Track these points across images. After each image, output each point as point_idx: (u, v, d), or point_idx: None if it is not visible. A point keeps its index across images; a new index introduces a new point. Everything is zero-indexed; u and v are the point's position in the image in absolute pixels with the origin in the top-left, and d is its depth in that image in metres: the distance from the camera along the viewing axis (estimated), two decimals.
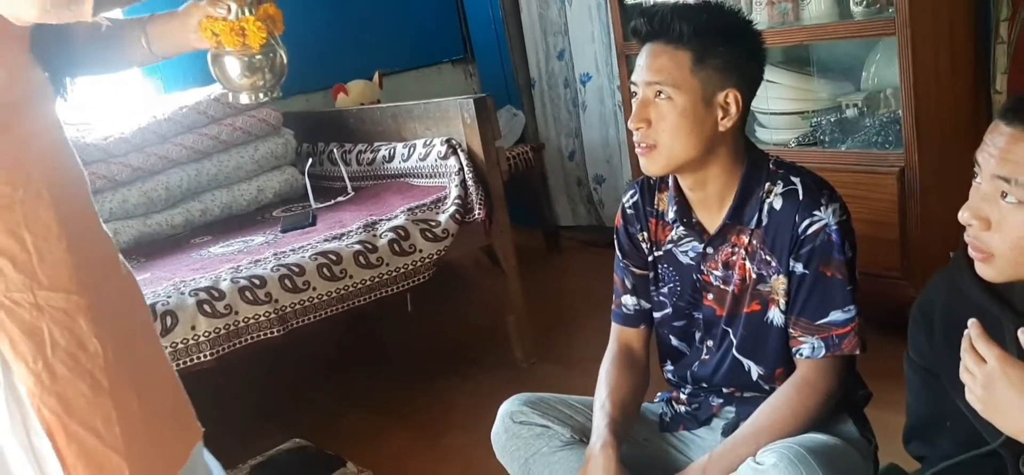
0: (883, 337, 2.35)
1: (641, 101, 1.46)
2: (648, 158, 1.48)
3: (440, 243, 2.63)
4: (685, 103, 1.43)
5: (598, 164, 4.01)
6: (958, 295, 1.16)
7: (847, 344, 1.46)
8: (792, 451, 1.36)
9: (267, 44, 1.26)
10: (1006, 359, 1.02)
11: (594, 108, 3.94)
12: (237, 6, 1.24)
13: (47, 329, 1.08)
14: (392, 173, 3.12)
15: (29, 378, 1.08)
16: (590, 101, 3.95)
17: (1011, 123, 1.03)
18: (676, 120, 1.43)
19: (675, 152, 1.45)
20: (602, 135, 3.95)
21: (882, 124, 2.56)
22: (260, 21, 1.25)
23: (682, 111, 1.43)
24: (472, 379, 2.93)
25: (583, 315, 3.31)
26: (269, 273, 2.37)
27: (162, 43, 1.30)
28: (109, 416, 1.14)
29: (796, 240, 1.46)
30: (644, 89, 1.46)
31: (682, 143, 1.44)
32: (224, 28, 1.23)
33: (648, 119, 1.45)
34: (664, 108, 1.44)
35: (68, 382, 1.10)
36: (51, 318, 1.09)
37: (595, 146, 3.99)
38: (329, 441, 2.64)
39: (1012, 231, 1.02)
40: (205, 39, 1.26)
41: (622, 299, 1.70)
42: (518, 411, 1.68)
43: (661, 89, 1.43)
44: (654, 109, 1.45)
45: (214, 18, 1.24)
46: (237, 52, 1.25)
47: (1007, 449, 1.10)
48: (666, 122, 1.44)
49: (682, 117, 1.43)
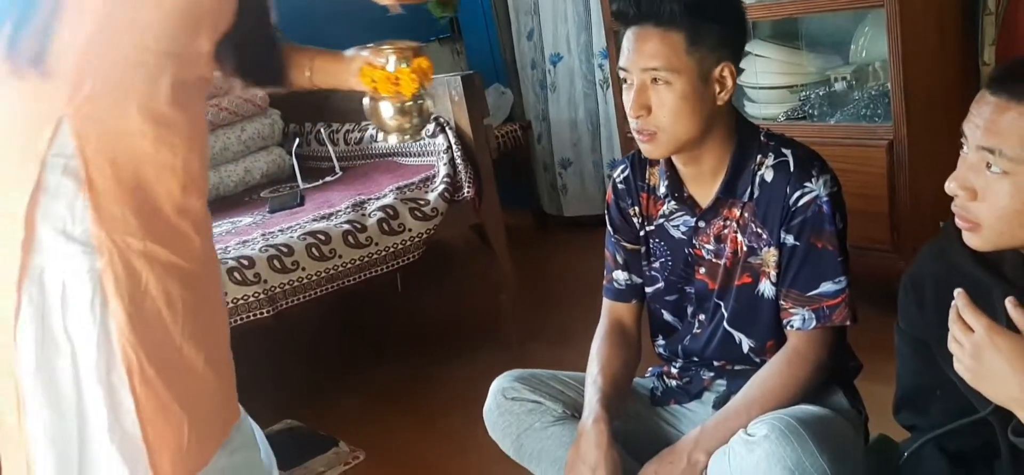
0: (873, 309, 2.35)
1: (638, 88, 1.43)
2: (651, 144, 1.46)
3: (429, 222, 2.62)
4: (684, 85, 1.41)
5: (564, 147, 3.97)
6: (948, 265, 1.16)
7: (838, 315, 1.47)
8: (783, 422, 1.37)
9: (418, 93, 1.40)
10: (994, 328, 1.03)
11: (564, 89, 3.89)
12: (396, 59, 1.39)
13: (145, 277, 1.16)
14: (380, 152, 3.11)
15: (123, 316, 1.14)
16: (560, 82, 3.90)
17: (997, 93, 1.03)
18: (676, 103, 1.41)
19: (678, 135, 1.44)
20: (570, 117, 3.90)
21: (871, 97, 2.56)
22: (414, 73, 1.39)
23: (682, 94, 1.41)
24: (464, 358, 2.93)
25: (575, 293, 3.31)
26: (257, 253, 2.36)
27: (323, 76, 1.46)
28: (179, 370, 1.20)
29: (787, 211, 1.46)
30: (639, 75, 1.43)
31: (684, 125, 1.43)
32: (381, 77, 1.39)
33: (648, 106, 1.43)
34: (663, 93, 1.42)
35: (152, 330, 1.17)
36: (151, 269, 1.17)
37: (562, 128, 3.95)
38: (320, 422, 2.64)
39: (998, 200, 1.03)
40: (364, 83, 1.41)
41: (613, 274, 1.70)
42: (510, 387, 1.68)
43: (657, 74, 1.41)
44: (653, 95, 1.43)
45: (374, 67, 1.39)
46: (391, 98, 1.40)
47: (996, 417, 1.11)
48: (666, 107, 1.42)
49: (683, 100, 1.41)
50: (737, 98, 2.87)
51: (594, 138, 3.90)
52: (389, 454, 2.43)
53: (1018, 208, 1.02)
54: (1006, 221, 1.03)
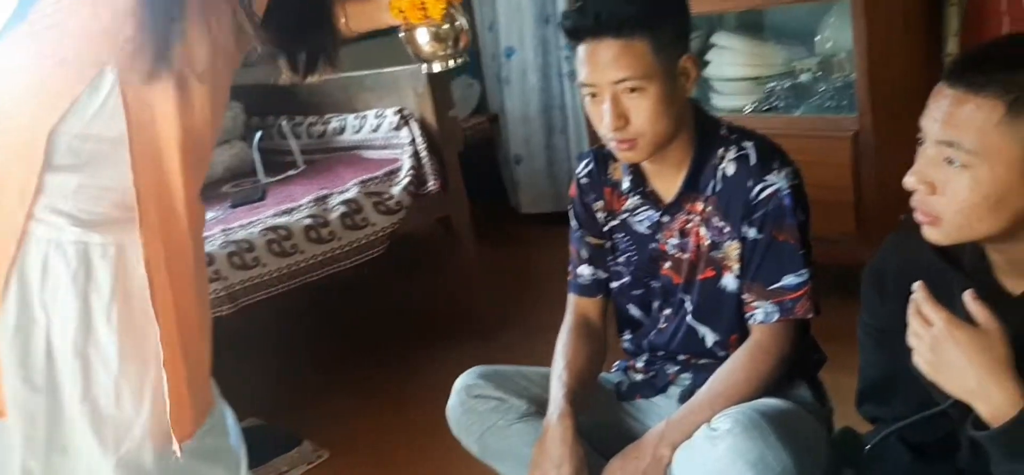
0: (838, 300, 2.36)
1: (612, 101, 1.40)
2: (633, 151, 1.45)
3: (394, 216, 2.59)
4: (658, 89, 1.40)
5: (517, 143, 3.94)
6: (910, 257, 1.16)
7: (800, 308, 1.46)
8: (746, 416, 1.36)
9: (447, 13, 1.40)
10: (952, 321, 1.02)
11: (516, 84, 3.85)
12: None
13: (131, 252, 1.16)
14: (344, 145, 3.07)
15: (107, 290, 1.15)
16: (513, 76, 3.86)
17: (954, 86, 1.02)
18: (654, 108, 1.40)
19: (659, 137, 1.43)
20: (523, 112, 3.86)
21: (836, 89, 2.56)
22: None
23: (659, 97, 1.40)
24: (430, 353, 2.91)
25: (543, 287, 3.30)
26: (217, 250, 2.32)
27: (357, 20, 1.47)
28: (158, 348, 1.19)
29: (749, 205, 1.45)
30: (609, 88, 1.40)
31: (664, 126, 1.42)
32: (408, 5, 1.39)
33: (626, 117, 1.41)
34: (638, 101, 1.40)
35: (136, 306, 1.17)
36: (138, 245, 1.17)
37: (516, 124, 3.92)
38: (285, 420, 2.61)
39: (957, 194, 1.02)
40: (394, 16, 1.42)
41: (578, 269, 1.68)
42: (474, 385, 1.66)
43: (630, 84, 1.39)
44: (628, 104, 1.40)
45: None
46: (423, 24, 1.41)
47: (956, 409, 1.11)
48: (644, 114, 1.40)
49: (660, 103, 1.40)
50: (703, 91, 2.89)
51: (549, 134, 3.85)
52: (354, 452, 2.41)
53: (977, 201, 1.01)
54: (965, 214, 1.03)
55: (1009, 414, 0.98)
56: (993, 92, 0.98)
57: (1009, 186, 1.00)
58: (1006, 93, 0.98)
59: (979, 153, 0.99)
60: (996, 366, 0.99)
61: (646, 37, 1.38)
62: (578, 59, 1.44)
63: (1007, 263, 1.09)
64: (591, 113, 1.46)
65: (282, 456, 2.41)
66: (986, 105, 0.99)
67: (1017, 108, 0.97)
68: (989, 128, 0.98)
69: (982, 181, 1.00)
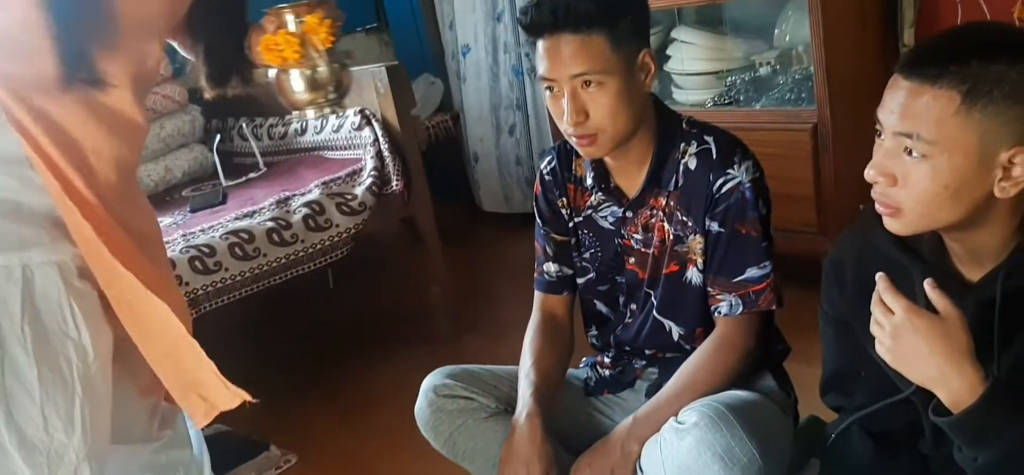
0: (800, 292, 2.38)
1: (570, 96, 1.40)
2: (593, 147, 1.44)
3: (357, 217, 2.57)
4: (617, 84, 1.39)
5: (474, 141, 3.93)
6: (868, 248, 1.17)
7: (764, 300, 1.47)
8: (712, 409, 1.37)
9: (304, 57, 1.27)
10: (913, 310, 1.04)
11: (472, 82, 3.84)
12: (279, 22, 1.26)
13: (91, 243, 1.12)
14: (305, 146, 3.04)
15: None
16: (469, 74, 3.84)
17: (909, 77, 1.03)
18: (613, 103, 1.39)
19: (619, 132, 1.43)
20: (479, 111, 3.85)
21: (795, 81, 2.59)
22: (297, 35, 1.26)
23: (617, 92, 1.39)
24: (397, 354, 2.90)
25: (509, 286, 3.30)
26: (178, 255, 2.29)
27: None
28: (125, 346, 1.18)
29: (711, 199, 1.46)
30: (568, 83, 1.40)
31: (623, 121, 1.42)
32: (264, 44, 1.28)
33: (585, 111, 1.40)
34: (597, 96, 1.39)
35: None
36: None
37: (473, 122, 3.91)
38: (252, 426, 2.58)
39: (917, 185, 1.03)
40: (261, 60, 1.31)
41: (544, 266, 1.68)
42: (441, 384, 1.65)
43: (588, 78, 1.39)
44: (587, 99, 1.40)
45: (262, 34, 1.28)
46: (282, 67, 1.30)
47: (919, 397, 1.12)
48: (604, 109, 1.40)
49: (619, 98, 1.40)
50: (665, 86, 2.90)
51: (498, 134, 3.83)
52: (322, 455, 2.39)
53: (937, 191, 1.02)
54: (926, 204, 1.04)
55: (970, 400, 1.00)
56: (948, 83, 0.99)
57: (967, 175, 1.01)
58: (961, 83, 0.99)
59: (937, 143, 1.01)
60: (956, 353, 1.01)
61: (604, 31, 1.38)
62: (537, 55, 1.43)
63: (965, 251, 1.10)
64: (552, 109, 1.45)
65: (249, 462, 2.38)
66: (942, 96, 1.00)
67: (972, 98, 0.98)
68: (946, 118, 1.00)
69: (941, 171, 1.01)
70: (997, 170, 1.01)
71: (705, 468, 1.34)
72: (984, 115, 0.98)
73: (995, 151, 1.00)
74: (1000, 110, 0.98)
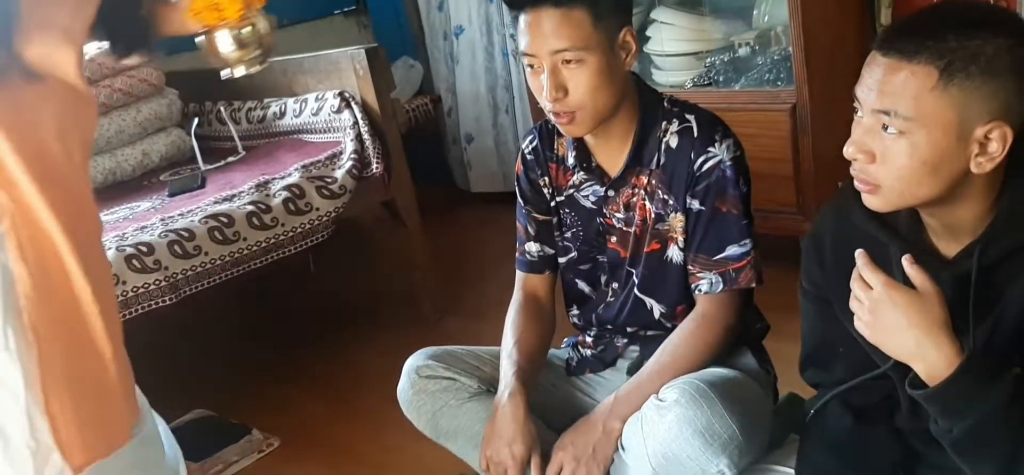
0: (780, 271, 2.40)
1: (550, 72, 1.39)
2: (573, 125, 1.43)
3: (337, 200, 2.56)
4: (597, 61, 1.38)
5: (468, 122, 3.94)
6: (847, 224, 1.18)
7: (744, 278, 1.48)
8: (692, 386, 1.38)
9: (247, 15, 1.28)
10: (891, 284, 1.05)
11: (466, 63, 3.85)
12: None
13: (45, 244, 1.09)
14: (284, 130, 3.02)
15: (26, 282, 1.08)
16: (462, 55, 3.85)
17: (887, 53, 1.04)
18: (593, 80, 1.39)
19: (599, 110, 1.42)
20: (473, 91, 3.86)
21: (773, 62, 2.60)
22: None
23: (597, 70, 1.39)
24: (379, 337, 2.90)
25: (491, 267, 3.30)
26: (157, 239, 2.27)
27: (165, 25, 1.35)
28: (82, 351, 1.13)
29: (692, 177, 1.47)
30: (549, 59, 1.39)
31: (603, 99, 1.41)
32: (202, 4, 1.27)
33: (564, 88, 1.40)
34: (577, 73, 1.39)
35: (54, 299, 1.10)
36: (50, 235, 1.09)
37: (467, 103, 3.91)
38: (233, 410, 2.57)
39: (895, 160, 1.04)
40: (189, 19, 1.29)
41: (526, 246, 1.68)
42: (424, 365, 1.66)
43: (568, 55, 1.38)
44: (567, 75, 1.39)
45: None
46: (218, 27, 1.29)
47: (896, 372, 1.13)
48: (584, 86, 1.39)
49: (599, 75, 1.39)
50: (644, 66, 2.91)
51: (495, 113, 3.84)
52: (304, 439, 2.39)
53: (916, 167, 1.03)
54: (905, 180, 1.04)
55: (946, 373, 1.01)
56: (926, 59, 1.00)
57: (946, 150, 1.02)
58: (938, 59, 0.99)
59: (915, 119, 1.01)
60: (933, 327, 1.02)
61: (586, 7, 1.38)
62: (519, 29, 1.43)
63: (941, 227, 1.12)
64: (532, 85, 1.45)
65: (232, 446, 2.38)
66: (920, 72, 1.00)
67: (950, 73, 0.99)
68: (924, 94, 1.00)
69: (919, 146, 1.02)
70: (973, 146, 1.02)
71: (686, 444, 1.35)
72: (961, 91, 0.99)
73: (972, 127, 1.01)
74: (977, 86, 0.99)
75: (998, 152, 1.01)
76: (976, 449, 1.04)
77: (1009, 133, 1.00)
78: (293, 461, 2.29)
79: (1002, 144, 1.01)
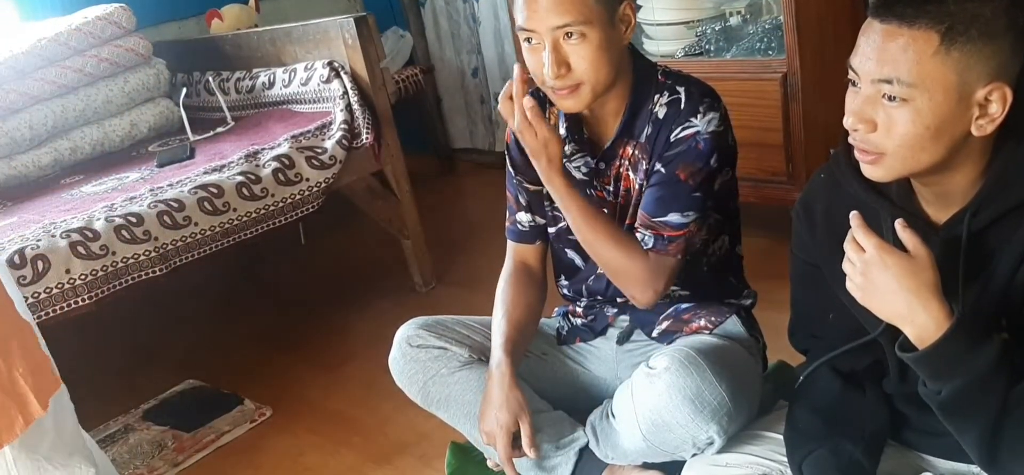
0: (770, 240, 2.42)
1: (552, 48, 1.36)
2: (574, 99, 1.40)
3: (327, 170, 2.55)
4: (598, 35, 1.36)
5: (495, 82, 3.94)
6: (838, 191, 1.19)
7: (673, 247, 1.44)
8: (683, 354, 1.39)
9: None
10: (883, 247, 1.05)
11: (488, 24, 3.85)
12: None
13: None
14: (273, 100, 3.00)
15: None
16: (484, 16, 3.86)
17: (885, 20, 1.03)
18: (595, 54, 1.36)
19: (601, 83, 1.39)
20: (498, 51, 3.87)
21: (764, 31, 2.59)
22: None
23: (599, 43, 1.36)
24: (371, 307, 2.90)
25: (481, 236, 3.30)
26: (146, 210, 2.26)
27: None
28: None
29: (667, 144, 1.44)
30: (549, 35, 1.36)
31: (605, 72, 1.39)
32: None
33: (566, 63, 1.37)
34: (579, 47, 1.36)
35: None
36: None
37: (492, 63, 3.92)
38: (225, 380, 2.58)
39: (899, 128, 1.03)
40: None
41: (516, 216, 1.68)
42: (415, 335, 1.66)
43: (570, 30, 1.35)
44: (569, 50, 1.37)
45: None
46: None
47: (885, 337, 1.14)
48: (586, 60, 1.36)
49: (600, 49, 1.36)
50: (636, 36, 2.89)
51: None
52: (296, 408, 2.39)
53: (920, 132, 1.03)
54: (909, 147, 1.04)
55: (936, 335, 1.02)
56: (926, 23, 1.00)
57: (947, 114, 1.02)
58: (939, 23, 0.99)
59: (917, 85, 1.01)
60: (924, 289, 1.03)
61: None
62: (517, 5, 1.40)
63: (933, 194, 1.12)
64: (529, 62, 1.41)
65: (223, 416, 2.38)
66: (920, 37, 1.00)
67: (951, 36, 0.99)
68: (925, 59, 1.00)
69: (923, 112, 1.02)
70: (974, 108, 1.02)
71: (676, 411, 1.36)
72: (962, 54, 0.99)
73: (973, 89, 1.01)
74: (977, 48, 0.99)
75: (998, 113, 1.02)
76: (963, 411, 1.05)
77: (1008, 93, 1.01)
78: (285, 430, 2.30)
79: (1002, 104, 1.01)
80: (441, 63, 4.12)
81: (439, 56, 4.12)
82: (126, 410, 2.50)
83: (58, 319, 2.11)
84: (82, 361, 2.85)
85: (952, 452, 1.19)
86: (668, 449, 1.42)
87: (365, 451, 2.14)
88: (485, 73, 4.00)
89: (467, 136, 4.21)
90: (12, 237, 2.19)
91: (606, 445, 1.50)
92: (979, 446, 1.05)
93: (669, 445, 1.40)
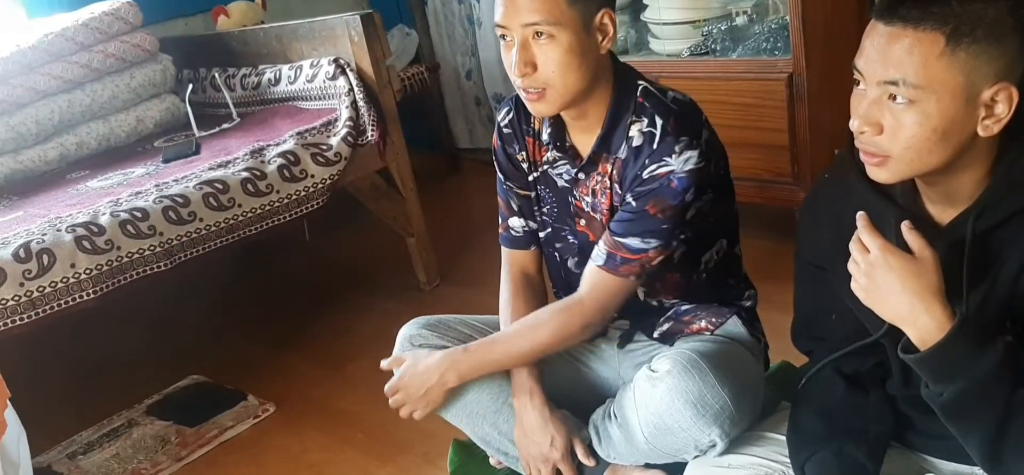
0: (774, 241, 2.42)
1: (520, 46, 1.35)
2: (541, 103, 1.38)
3: (332, 167, 2.55)
4: (569, 38, 1.33)
5: (495, 82, 3.94)
6: (844, 192, 1.18)
7: (625, 269, 1.43)
8: (684, 357, 1.38)
9: None
10: (888, 248, 1.05)
11: (489, 24, 3.86)
12: None
13: None
14: (279, 97, 3.00)
15: None
16: (485, 17, 3.86)
17: (890, 22, 1.02)
18: (563, 57, 1.34)
19: (568, 89, 1.37)
20: (498, 52, 3.86)
21: (771, 31, 2.59)
22: None
23: (568, 47, 1.34)
24: (375, 304, 2.90)
25: (486, 236, 3.28)
26: (152, 205, 2.26)
27: None
28: None
29: (638, 179, 1.40)
30: (520, 32, 1.34)
31: (573, 78, 1.36)
32: None
33: (533, 63, 1.35)
34: (547, 48, 1.34)
35: None
36: None
37: (492, 64, 3.91)
38: (228, 376, 2.58)
39: (906, 130, 1.03)
40: None
41: (509, 222, 1.66)
42: (416, 335, 1.66)
43: (540, 29, 1.33)
44: (537, 50, 1.35)
45: None
46: None
47: (889, 339, 1.14)
48: (553, 62, 1.34)
49: (569, 53, 1.34)
50: (641, 35, 2.89)
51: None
52: (300, 405, 2.39)
53: (927, 135, 1.02)
54: (916, 150, 1.03)
55: (937, 337, 1.02)
56: (931, 24, 0.99)
57: (955, 116, 1.01)
58: (944, 24, 0.99)
59: (924, 87, 1.00)
60: (927, 291, 1.02)
61: None
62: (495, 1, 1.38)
63: (938, 195, 1.11)
64: (504, 59, 1.40)
65: (227, 412, 2.39)
66: (926, 38, 0.99)
67: (956, 37, 0.98)
68: (931, 61, 0.99)
69: (930, 114, 1.01)
70: (981, 109, 1.01)
71: (678, 414, 1.36)
72: (968, 55, 0.99)
73: (979, 90, 1.00)
74: (983, 48, 0.99)
75: (1005, 113, 1.01)
76: (966, 413, 1.05)
77: (1015, 93, 1.00)
78: (288, 427, 2.30)
79: (1008, 105, 1.01)
80: (444, 62, 4.13)
81: (442, 55, 4.12)
82: (129, 405, 2.51)
83: (63, 313, 2.12)
84: (86, 356, 2.87)
85: (956, 455, 1.19)
86: (670, 452, 1.42)
87: (369, 449, 2.14)
88: (480, 75, 3.99)
89: (468, 136, 4.21)
90: (18, 232, 2.20)
91: (608, 445, 1.50)
92: (982, 449, 1.05)
93: (671, 448, 1.40)
